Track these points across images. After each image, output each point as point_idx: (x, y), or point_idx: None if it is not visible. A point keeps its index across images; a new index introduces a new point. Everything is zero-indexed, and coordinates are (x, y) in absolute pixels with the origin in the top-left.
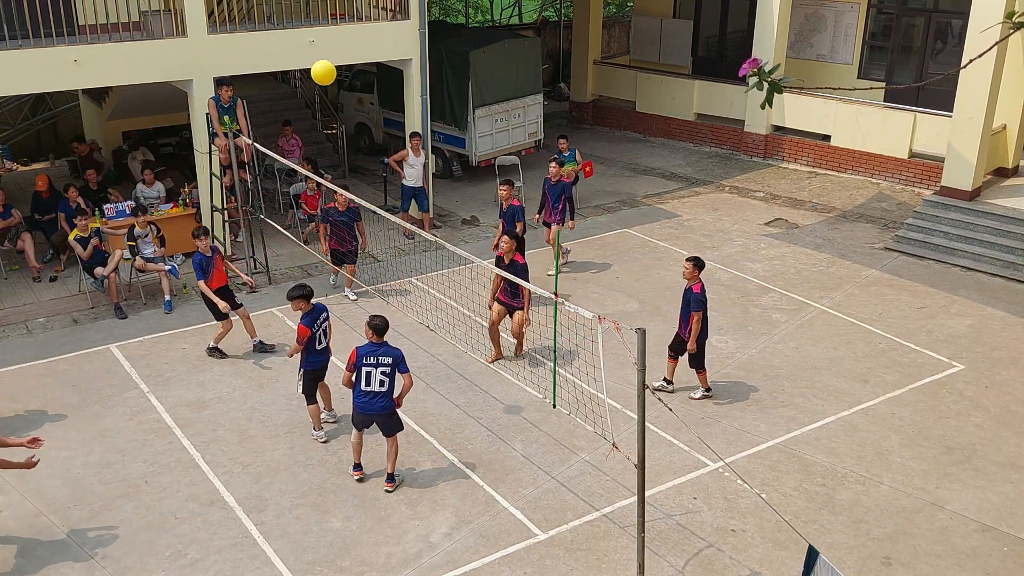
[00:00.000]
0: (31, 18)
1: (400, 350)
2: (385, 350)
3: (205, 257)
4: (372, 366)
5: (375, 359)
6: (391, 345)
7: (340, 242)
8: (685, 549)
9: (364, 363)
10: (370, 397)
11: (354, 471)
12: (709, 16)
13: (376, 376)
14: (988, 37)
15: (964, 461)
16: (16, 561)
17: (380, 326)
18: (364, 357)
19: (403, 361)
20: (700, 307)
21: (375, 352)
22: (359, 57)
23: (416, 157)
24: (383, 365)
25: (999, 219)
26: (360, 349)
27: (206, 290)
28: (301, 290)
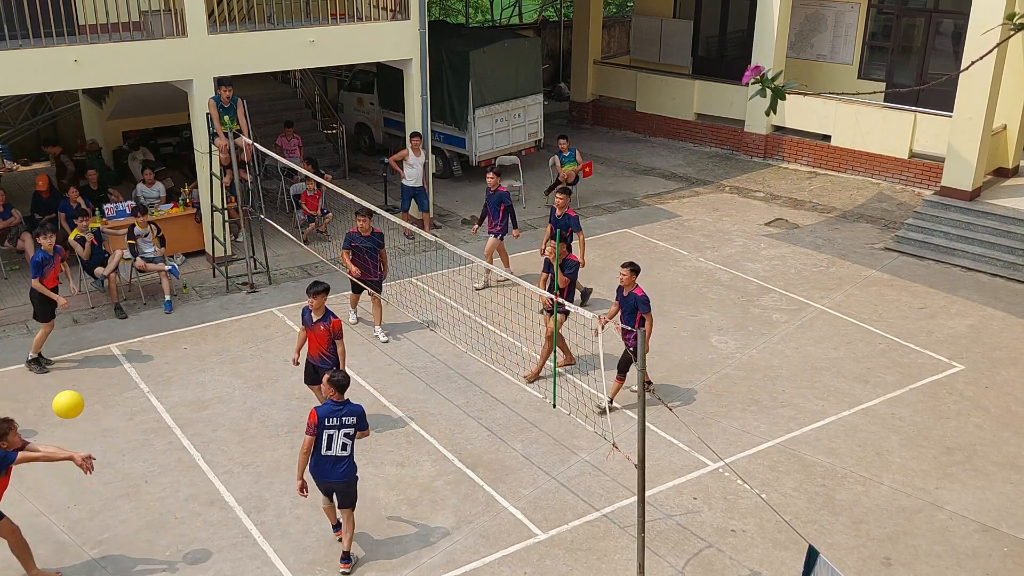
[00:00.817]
0: (31, 18)
1: (361, 406)
2: (348, 409)
3: (47, 256)
4: (335, 428)
5: (338, 420)
6: (352, 402)
7: (364, 270)
8: (685, 549)
9: (326, 425)
10: (331, 463)
11: (335, 531)
12: (709, 16)
13: (338, 440)
14: (988, 39)
15: (964, 461)
16: (16, 561)
17: (342, 382)
18: (326, 419)
19: (363, 417)
20: (649, 308)
21: (338, 412)
22: (359, 57)
23: (416, 157)
24: (346, 426)
25: (999, 219)
26: (320, 410)
27: (40, 287)
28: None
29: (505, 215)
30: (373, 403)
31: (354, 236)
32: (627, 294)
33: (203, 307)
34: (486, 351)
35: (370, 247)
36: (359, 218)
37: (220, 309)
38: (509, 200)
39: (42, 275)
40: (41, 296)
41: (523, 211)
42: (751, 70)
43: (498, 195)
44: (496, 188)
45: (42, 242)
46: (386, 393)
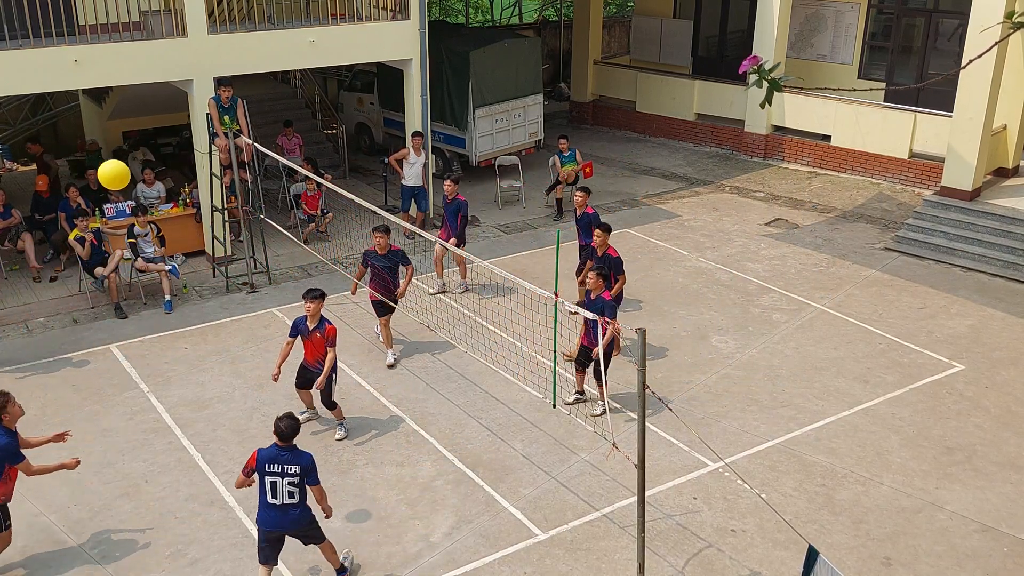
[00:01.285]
0: (31, 18)
1: (310, 456)
2: (292, 457)
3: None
4: (277, 475)
5: (280, 467)
6: (300, 450)
7: (382, 290)
8: (685, 549)
9: (267, 471)
10: (279, 512)
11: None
12: (709, 16)
13: (283, 488)
14: (988, 37)
15: (964, 461)
16: (16, 561)
17: (285, 431)
18: (266, 464)
19: (314, 472)
20: (615, 314)
21: (281, 459)
22: (359, 57)
23: (417, 156)
24: (289, 475)
25: (999, 219)
26: (262, 453)
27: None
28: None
29: (462, 225)
30: (373, 403)
31: (370, 253)
32: (601, 254)
33: (203, 307)
34: (486, 351)
35: (388, 265)
36: (376, 235)
37: (220, 309)
38: (467, 210)
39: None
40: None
41: (523, 211)
42: (749, 60)
43: (456, 204)
44: (454, 197)
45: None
46: (386, 393)
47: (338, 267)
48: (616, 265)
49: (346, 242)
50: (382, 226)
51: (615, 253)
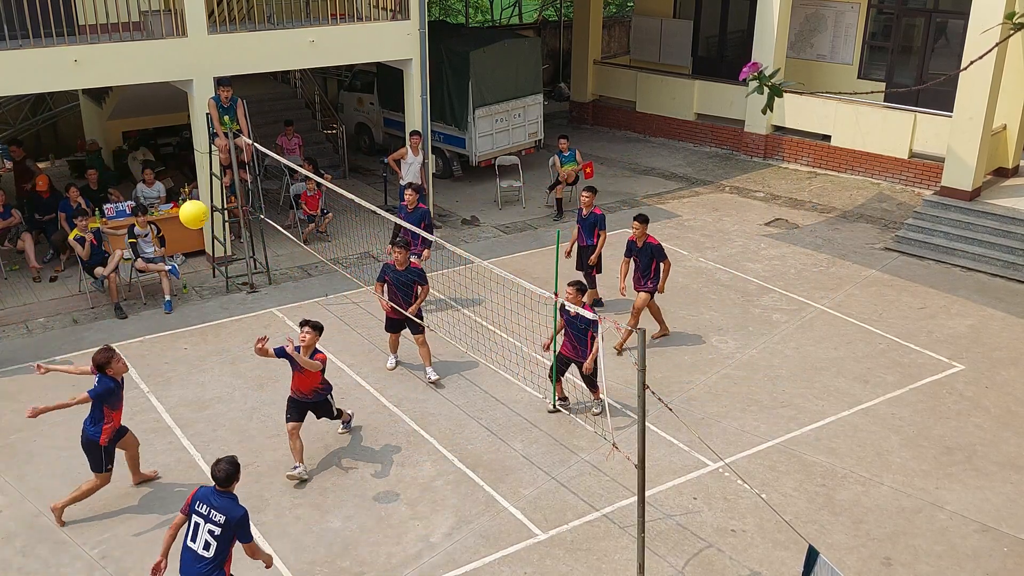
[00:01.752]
0: (31, 18)
1: (243, 511)
2: (224, 504)
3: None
4: (202, 517)
5: (207, 509)
6: (236, 501)
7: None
8: (685, 549)
9: (195, 510)
10: (191, 558)
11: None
12: (709, 16)
13: (203, 533)
14: (988, 38)
15: (964, 461)
16: (16, 561)
17: (221, 476)
18: (197, 502)
19: (244, 528)
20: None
21: (210, 502)
22: (359, 57)
23: (414, 156)
24: (212, 523)
25: (999, 219)
26: (199, 491)
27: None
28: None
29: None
30: (373, 403)
31: (388, 268)
32: (642, 245)
33: (203, 307)
34: (486, 351)
35: (404, 282)
36: (395, 250)
37: (220, 309)
38: (430, 218)
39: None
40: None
41: (523, 211)
42: (749, 66)
43: (418, 213)
44: (415, 206)
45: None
46: (386, 393)
47: (338, 267)
48: (659, 252)
49: (346, 242)
50: (401, 240)
51: (655, 241)
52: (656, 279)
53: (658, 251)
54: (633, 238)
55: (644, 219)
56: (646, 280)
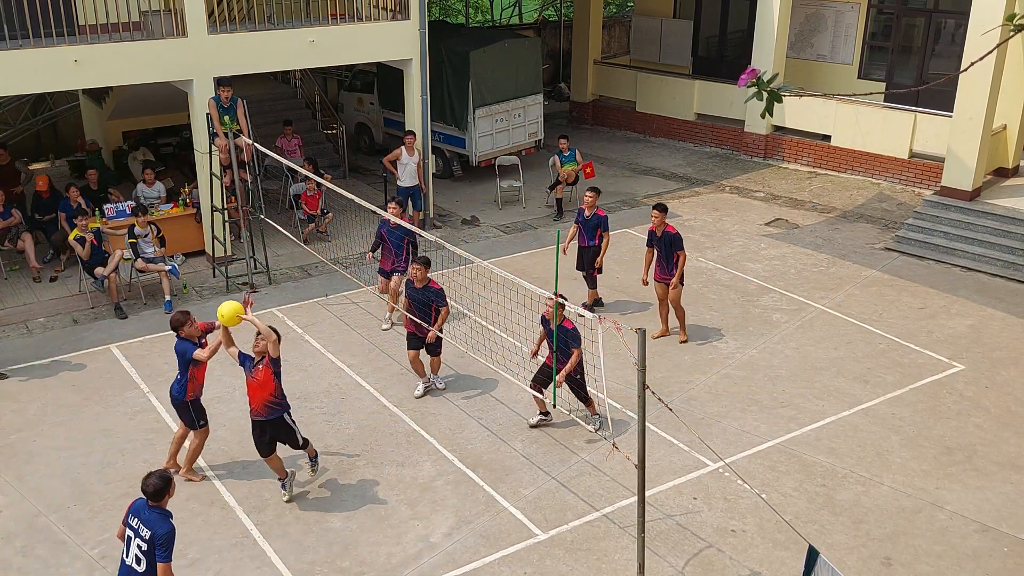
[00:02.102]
0: (31, 18)
1: (169, 528)
2: (151, 518)
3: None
4: (133, 531)
5: (137, 523)
6: (166, 517)
7: (417, 326)
8: (685, 549)
9: (128, 523)
10: (125, 573)
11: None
12: (709, 16)
13: (133, 547)
14: (988, 39)
15: (964, 461)
16: (16, 561)
17: (149, 490)
18: (130, 516)
19: (166, 547)
20: (579, 343)
21: (140, 515)
22: (359, 57)
23: (409, 156)
24: (141, 537)
25: (999, 219)
26: (134, 505)
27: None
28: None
29: (409, 251)
30: (373, 403)
31: (408, 284)
32: (661, 234)
33: (203, 307)
34: (486, 351)
35: (422, 301)
36: (415, 267)
37: None
38: (414, 236)
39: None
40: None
41: (523, 211)
42: (747, 73)
43: (403, 230)
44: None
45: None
46: (386, 393)
47: (338, 267)
48: (677, 241)
49: (346, 242)
50: (423, 258)
51: (673, 230)
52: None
53: (676, 240)
54: (653, 227)
55: (663, 208)
56: (670, 269)
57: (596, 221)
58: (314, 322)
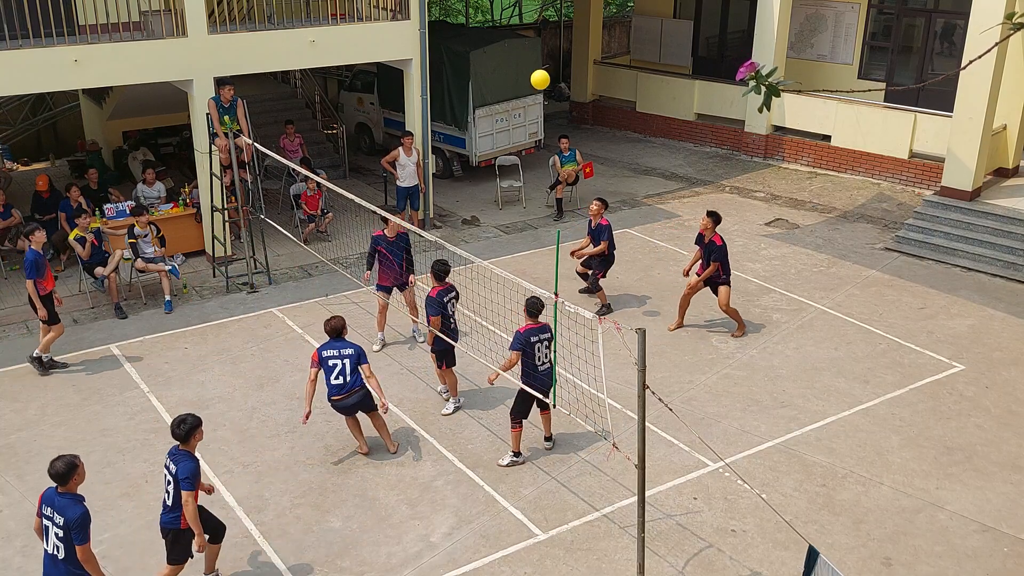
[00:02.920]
0: (31, 18)
1: (81, 510)
2: (62, 504)
3: (40, 255)
4: (48, 520)
5: (50, 511)
6: (77, 501)
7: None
8: (685, 549)
9: (43, 513)
10: (49, 562)
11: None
12: (709, 16)
13: (51, 536)
14: (988, 38)
15: (964, 462)
16: (16, 561)
17: (54, 473)
18: (43, 506)
19: (81, 530)
20: (720, 256)
21: (52, 503)
22: (359, 57)
23: (408, 156)
24: (56, 524)
25: (999, 219)
26: (45, 494)
27: (32, 291)
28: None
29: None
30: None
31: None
32: (707, 241)
33: (203, 307)
34: (486, 351)
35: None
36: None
37: (220, 309)
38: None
39: (38, 275)
40: (42, 299)
41: (523, 211)
42: (746, 66)
43: (401, 240)
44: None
45: (32, 241)
46: (386, 393)
47: (338, 267)
48: (715, 252)
49: (346, 242)
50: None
51: (720, 241)
52: (728, 272)
53: (715, 251)
54: (702, 230)
55: (713, 216)
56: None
57: (599, 230)
58: (314, 322)
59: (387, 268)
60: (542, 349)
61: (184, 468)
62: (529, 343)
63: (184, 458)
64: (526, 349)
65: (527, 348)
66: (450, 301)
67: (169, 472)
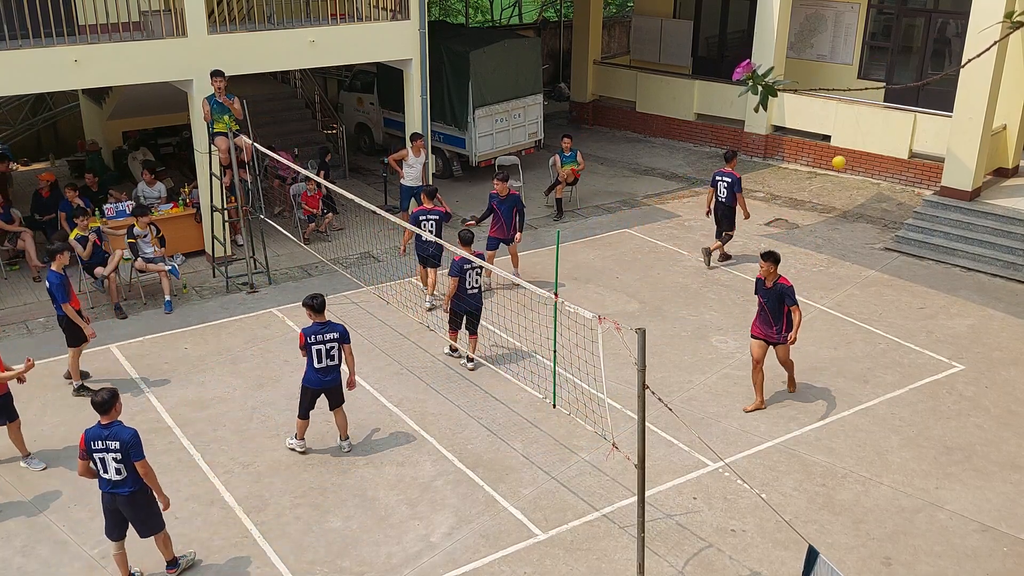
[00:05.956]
0: (31, 18)
1: (133, 431)
2: (112, 432)
3: (64, 277)
4: (103, 451)
5: (102, 443)
6: (122, 425)
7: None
8: (685, 549)
9: (93, 449)
10: (109, 486)
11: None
12: (709, 16)
13: (111, 464)
14: (987, 37)
15: (964, 461)
16: (16, 561)
17: (99, 401)
18: (92, 442)
19: (136, 446)
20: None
21: (101, 435)
22: (359, 57)
23: (416, 157)
24: (112, 451)
25: (999, 219)
26: (88, 433)
27: (72, 314)
28: (312, 300)
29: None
30: (373, 403)
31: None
32: (771, 285)
33: (203, 307)
34: (486, 351)
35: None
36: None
37: (220, 309)
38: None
39: (69, 297)
40: (70, 321)
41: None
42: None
43: (512, 199)
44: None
45: (56, 263)
46: (386, 393)
47: (338, 267)
48: (790, 295)
49: (346, 242)
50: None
51: (787, 282)
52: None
53: (788, 293)
54: (760, 276)
55: (772, 257)
56: (778, 326)
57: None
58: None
59: (497, 224)
60: (472, 275)
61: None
62: (462, 270)
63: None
64: (460, 275)
65: (461, 274)
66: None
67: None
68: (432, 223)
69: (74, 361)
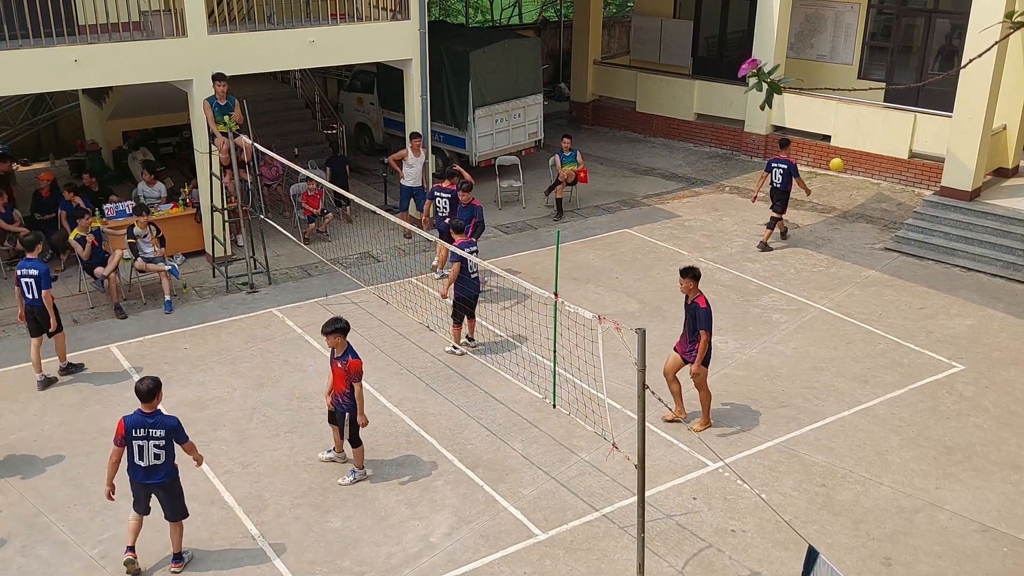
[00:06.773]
0: (31, 18)
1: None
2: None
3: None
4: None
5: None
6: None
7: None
8: (685, 549)
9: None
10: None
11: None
12: (709, 16)
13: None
14: (988, 37)
15: (964, 461)
16: (16, 561)
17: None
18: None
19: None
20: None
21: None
22: (359, 57)
23: (416, 157)
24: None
25: (999, 219)
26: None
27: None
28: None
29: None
30: (373, 403)
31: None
32: (690, 303)
33: (203, 307)
34: (486, 351)
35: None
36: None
37: (220, 309)
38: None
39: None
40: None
41: (523, 211)
42: (748, 63)
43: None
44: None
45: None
46: (386, 393)
47: (338, 267)
48: (703, 318)
49: (346, 242)
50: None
51: (704, 303)
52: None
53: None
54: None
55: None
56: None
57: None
58: (314, 322)
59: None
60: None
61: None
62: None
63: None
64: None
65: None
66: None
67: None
68: (446, 200)
69: (35, 353)
